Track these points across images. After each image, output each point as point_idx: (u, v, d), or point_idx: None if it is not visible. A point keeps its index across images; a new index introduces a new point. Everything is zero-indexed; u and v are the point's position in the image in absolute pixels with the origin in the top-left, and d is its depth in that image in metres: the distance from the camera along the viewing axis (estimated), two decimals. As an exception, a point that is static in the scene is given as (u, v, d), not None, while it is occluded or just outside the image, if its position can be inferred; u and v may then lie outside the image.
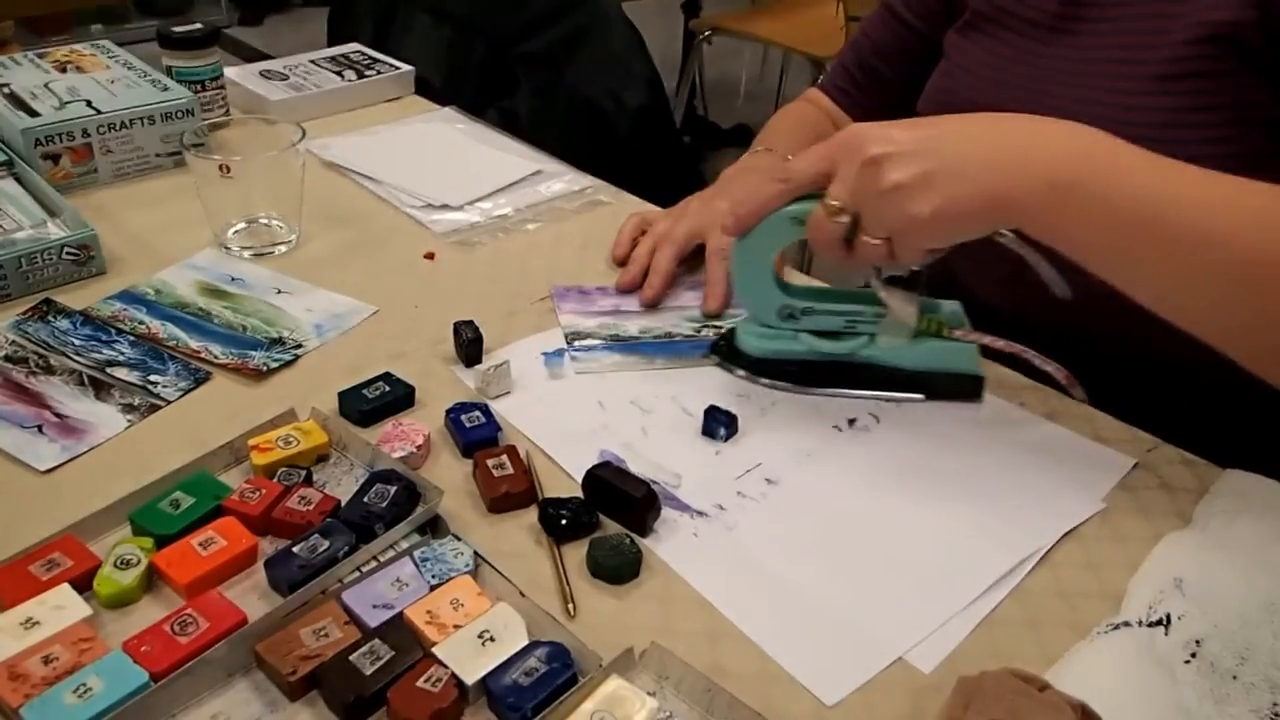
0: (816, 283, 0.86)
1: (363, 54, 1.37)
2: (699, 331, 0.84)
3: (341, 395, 0.73)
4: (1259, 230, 0.60)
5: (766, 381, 0.77)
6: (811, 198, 0.68)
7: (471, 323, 0.79)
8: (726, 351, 0.79)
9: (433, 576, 0.58)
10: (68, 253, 0.87)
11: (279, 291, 0.88)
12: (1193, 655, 0.56)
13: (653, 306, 0.87)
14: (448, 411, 0.72)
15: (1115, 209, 0.61)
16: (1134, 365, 0.83)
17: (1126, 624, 0.58)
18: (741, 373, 0.78)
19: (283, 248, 0.94)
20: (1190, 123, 0.74)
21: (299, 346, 0.81)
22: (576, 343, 0.82)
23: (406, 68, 1.33)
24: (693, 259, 0.90)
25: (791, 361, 0.77)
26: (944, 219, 0.63)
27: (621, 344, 0.82)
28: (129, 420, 0.72)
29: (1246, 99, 0.73)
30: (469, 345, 0.78)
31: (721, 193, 0.92)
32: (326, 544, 0.59)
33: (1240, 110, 0.73)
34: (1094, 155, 0.62)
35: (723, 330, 0.82)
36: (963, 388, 0.76)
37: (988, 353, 0.77)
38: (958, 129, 0.65)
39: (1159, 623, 0.58)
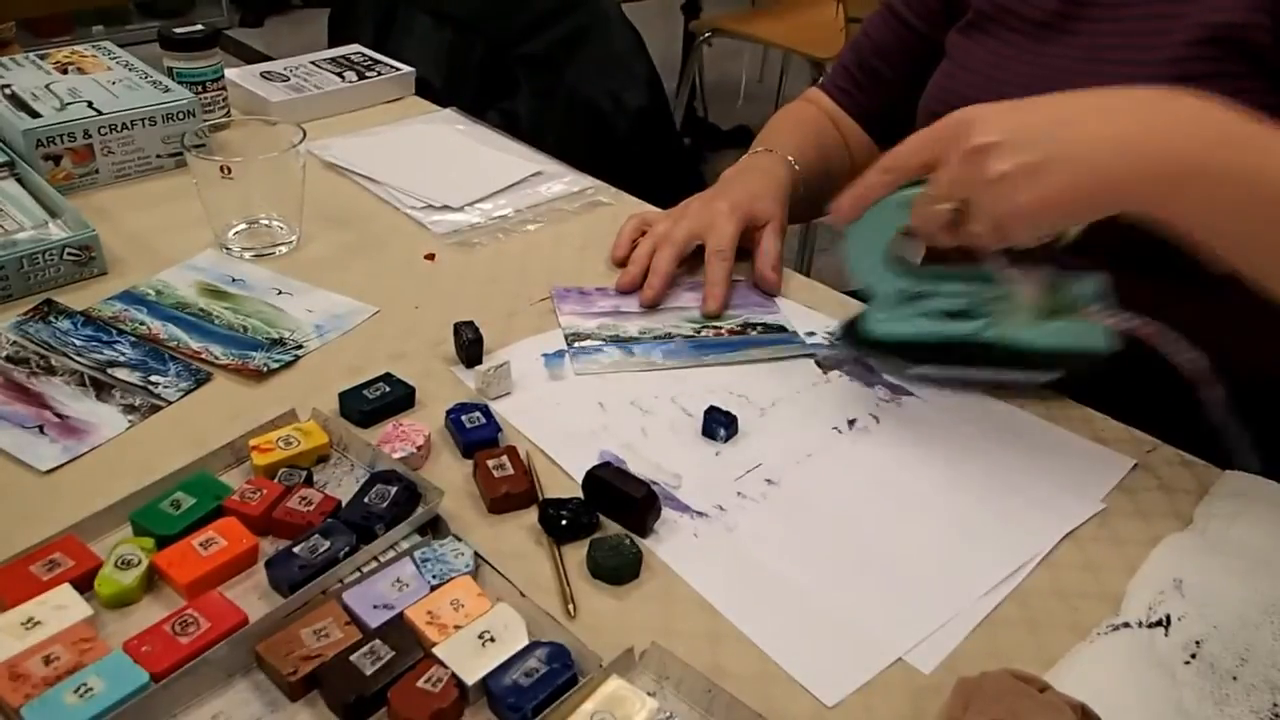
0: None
1: (363, 55, 1.37)
2: (699, 332, 0.84)
3: (342, 396, 0.73)
4: None
5: (885, 363, 0.76)
6: (919, 182, 0.67)
7: (472, 323, 0.79)
8: (852, 338, 0.79)
9: (433, 577, 0.58)
10: (69, 253, 0.87)
11: (279, 292, 0.88)
12: (1192, 656, 0.56)
13: (652, 307, 0.87)
14: (448, 412, 0.72)
15: (1251, 192, 0.59)
16: (1134, 366, 0.83)
17: (1126, 625, 0.58)
18: (868, 359, 0.77)
19: (283, 248, 0.94)
20: None
21: (299, 347, 0.81)
22: (576, 344, 0.82)
23: (407, 69, 1.33)
24: (693, 260, 0.90)
25: (918, 344, 0.76)
26: (1050, 209, 0.61)
27: (621, 344, 0.82)
28: (130, 421, 0.72)
29: (1255, 103, 0.73)
30: (469, 346, 0.78)
31: (721, 194, 0.93)
32: (327, 544, 0.60)
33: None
34: (1230, 137, 0.60)
35: (847, 320, 0.81)
36: (1090, 364, 0.73)
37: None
38: (1073, 111, 0.62)
39: (1159, 624, 0.58)
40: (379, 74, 1.31)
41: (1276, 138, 0.60)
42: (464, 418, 0.71)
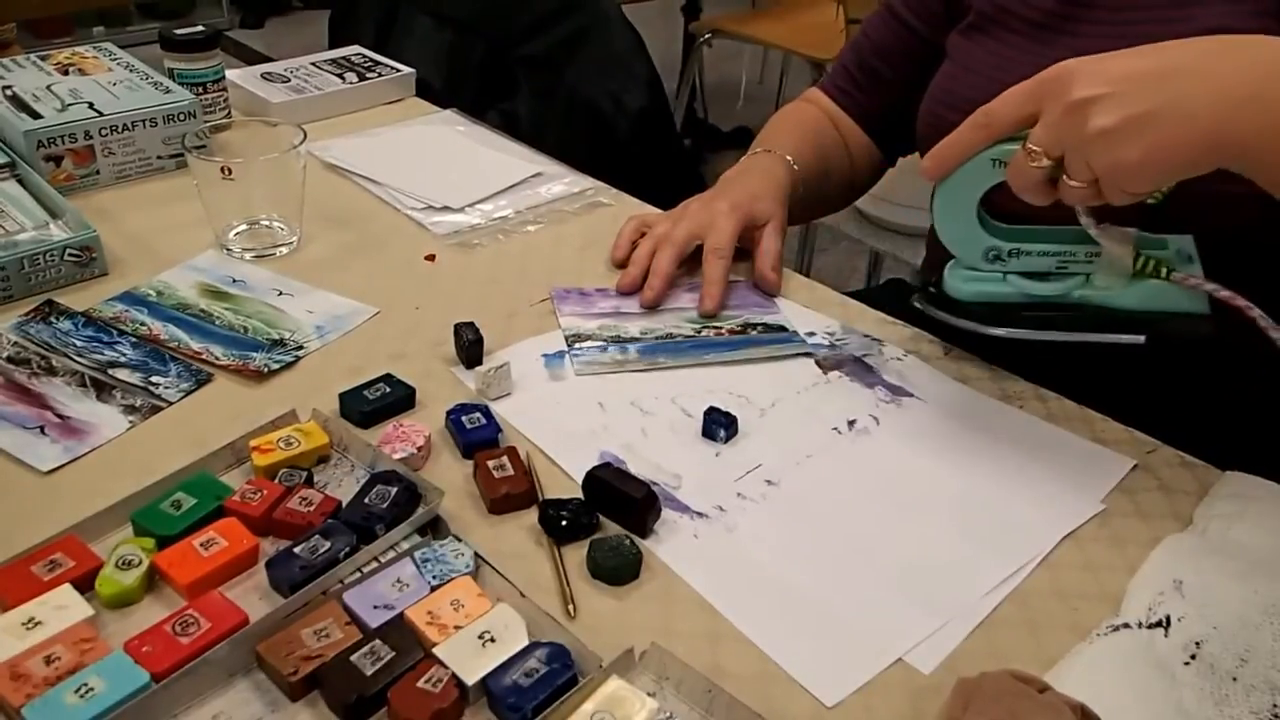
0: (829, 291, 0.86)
1: (364, 56, 1.37)
2: (699, 332, 0.84)
3: (342, 396, 0.73)
4: None
5: (972, 324, 0.74)
6: (1014, 139, 0.65)
7: (472, 324, 0.79)
8: (935, 298, 0.76)
9: (433, 577, 0.59)
10: (70, 254, 0.87)
11: (280, 293, 0.88)
12: (1192, 657, 0.56)
13: (653, 308, 0.87)
14: (448, 413, 0.72)
15: None
16: (1134, 367, 0.83)
17: (1126, 625, 0.58)
18: (949, 317, 0.74)
19: (284, 249, 0.95)
20: None
21: (300, 348, 0.81)
22: (577, 344, 0.82)
23: (407, 70, 1.33)
24: (692, 260, 0.90)
25: (1005, 305, 0.73)
26: (1155, 164, 0.59)
27: (622, 345, 0.82)
28: (130, 421, 0.72)
29: None
30: (470, 347, 0.78)
31: (721, 194, 0.93)
32: (327, 545, 0.60)
33: None
34: None
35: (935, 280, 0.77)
36: (1190, 328, 0.71)
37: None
38: (1179, 60, 0.59)
39: (1159, 624, 0.58)
40: (379, 75, 1.31)
41: None
42: (464, 418, 0.71)
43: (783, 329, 0.85)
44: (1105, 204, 0.63)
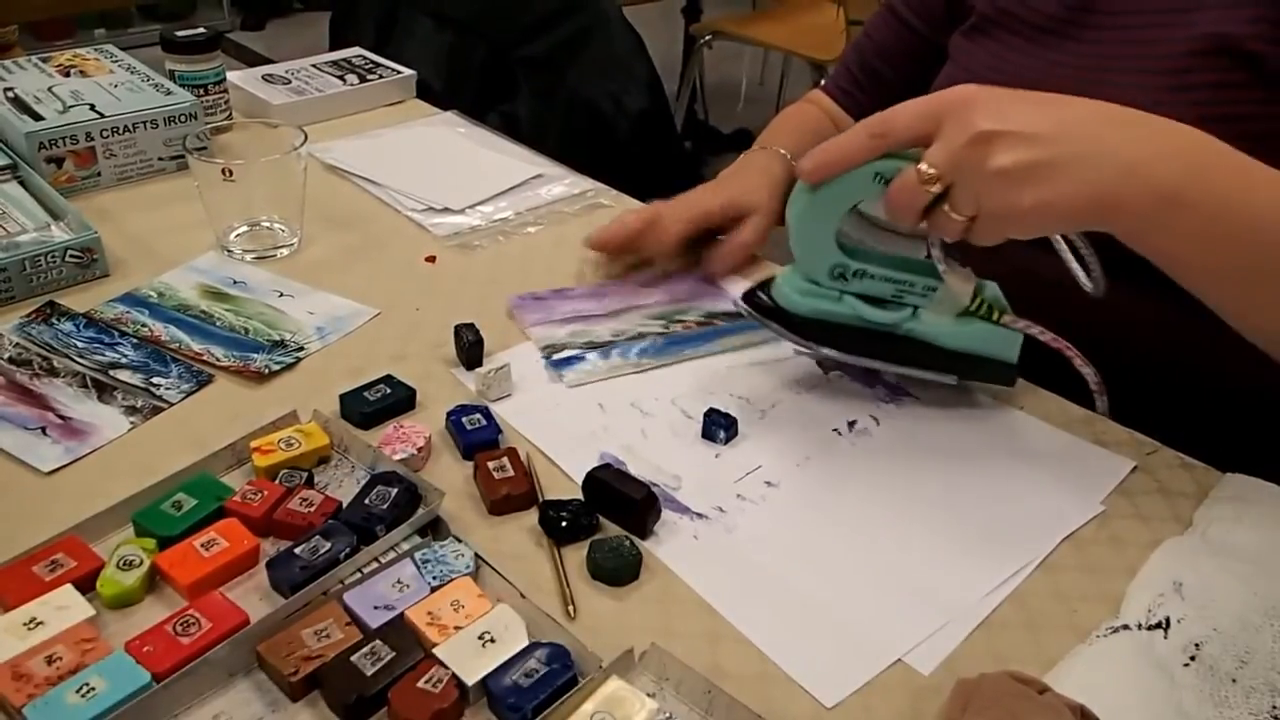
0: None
1: (364, 58, 1.38)
2: (668, 328, 0.84)
3: (343, 397, 0.73)
4: None
5: (792, 337, 0.73)
6: (900, 156, 0.63)
7: (472, 325, 0.79)
8: (763, 305, 0.75)
9: (433, 578, 0.59)
10: (71, 255, 0.87)
11: (281, 294, 0.88)
12: (1192, 658, 0.56)
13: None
14: (449, 414, 0.72)
15: (1226, 230, 0.59)
16: (1133, 368, 0.83)
17: (1126, 627, 0.58)
18: (775, 327, 0.73)
19: (284, 251, 0.95)
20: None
21: (301, 349, 0.81)
22: (555, 355, 0.80)
23: (408, 72, 1.33)
24: (640, 262, 0.92)
25: (829, 323, 0.72)
26: (1043, 214, 0.59)
27: (599, 350, 0.81)
28: (131, 422, 0.72)
29: (1255, 113, 0.72)
30: (470, 348, 0.78)
31: (715, 188, 0.93)
32: (328, 545, 0.60)
33: (1253, 124, 0.72)
34: (1209, 169, 0.59)
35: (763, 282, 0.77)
36: (998, 374, 0.74)
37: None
38: (1080, 118, 0.60)
39: (1158, 626, 0.58)
40: (380, 77, 1.31)
41: (1269, 179, 0.59)
42: (464, 419, 0.71)
43: (740, 315, 0.83)
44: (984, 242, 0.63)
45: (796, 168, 0.68)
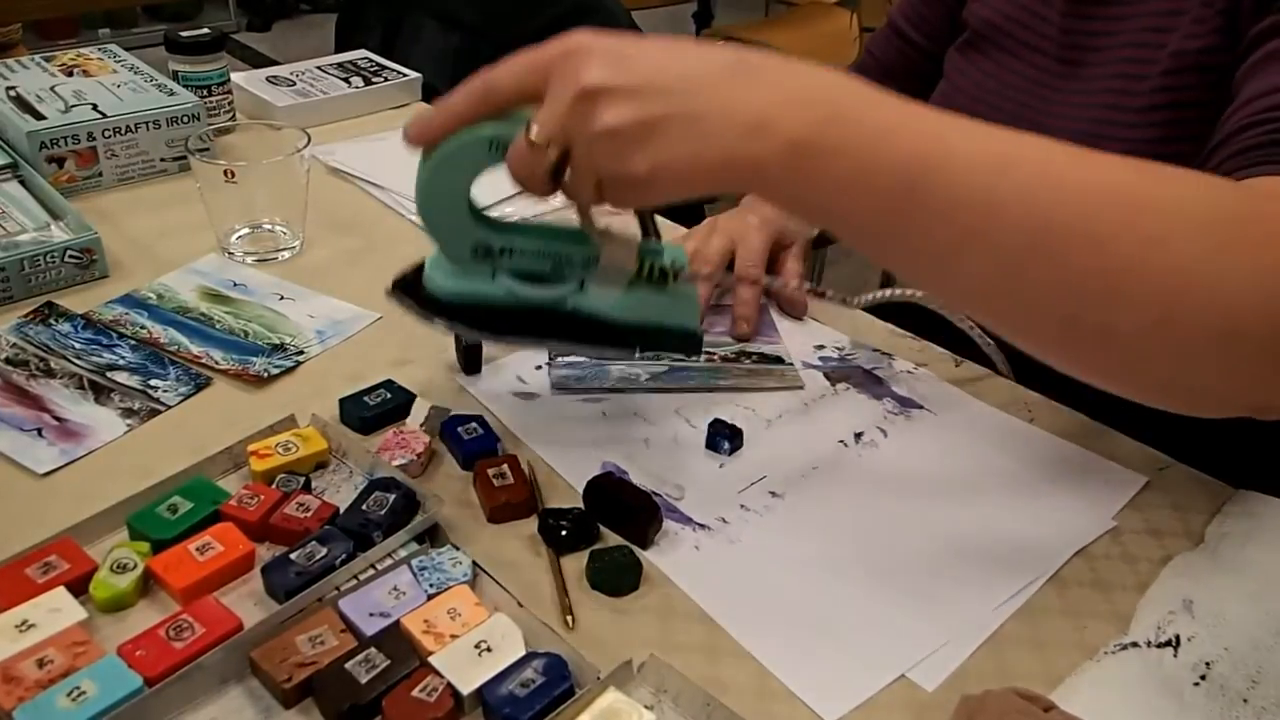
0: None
1: (370, 61, 1.37)
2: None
3: (342, 402, 0.73)
4: (1046, 191, 0.49)
5: (451, 326, 0.67)
6: (518, 118, 0.56)
7: (474, 330, 0.79)
8: (414, 292, 0.67)
9: (430, 585, 0.58)
10: (70, 256, 0.86)
11: (281, 297, 0.87)
12: (1202, 678, 0.55)
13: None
14: (443, 424, 0.71)
15: (868, 176, 0.50)
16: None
17: (1135, 644, 0.57)
18: (425, 315, 0.67)
19: (286, 253, 0.94)
20: (1179, 153, 0.72)
21: (300, 353, 0.80)
22: (553, 364, 0.79)
23: (414, 75, 1.33)
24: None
25: (486, 307, 0.65)
26: (664, 180, 0.52)
27: (599, 367, 0.79)
28: (128, 424, 0.72)
29: None
30: (469, 350, 0.78)
31: (752, 208, 0.90)
32: (324, 551, 0.59)
33: None
34: (842, 114, 0.50)
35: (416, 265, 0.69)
36: (681, 343, 0.68)
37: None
38: (700, 68, 0.52)
39: (1168, 644, 0.57)
40: (385, 79, 1.31)
41: (912, 117, 0.51)
42: (460, 429, 0.70)
43: (779, 359, 0.81)
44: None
45: (404, 130, 0.62)
